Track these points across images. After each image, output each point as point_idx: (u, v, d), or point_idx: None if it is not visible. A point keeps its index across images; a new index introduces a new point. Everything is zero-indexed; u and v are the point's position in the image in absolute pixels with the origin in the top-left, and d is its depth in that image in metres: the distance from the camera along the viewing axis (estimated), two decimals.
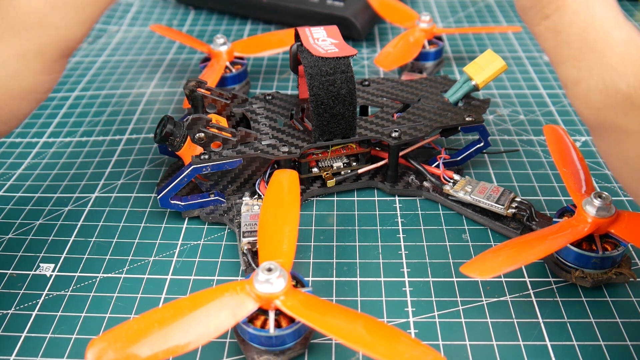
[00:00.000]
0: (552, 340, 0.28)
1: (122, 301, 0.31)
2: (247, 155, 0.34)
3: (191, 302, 0.25)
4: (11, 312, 0.30)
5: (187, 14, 0.64)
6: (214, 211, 0.35)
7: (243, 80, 0.48)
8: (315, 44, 0.34)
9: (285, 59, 0.54)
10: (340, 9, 0.55)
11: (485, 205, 0.34)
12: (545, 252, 0.28)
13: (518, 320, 0.29)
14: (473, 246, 0.33)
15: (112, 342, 0.23)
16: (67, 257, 0.33)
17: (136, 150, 0.42)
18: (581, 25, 0.20)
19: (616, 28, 0.19)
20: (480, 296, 0.30)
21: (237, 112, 0.38)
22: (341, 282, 0.31)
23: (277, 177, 0.33)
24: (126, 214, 0.36)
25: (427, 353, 0.23)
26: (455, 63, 0.53)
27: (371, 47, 0.56)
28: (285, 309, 0.25)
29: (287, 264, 0.27)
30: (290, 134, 0.36)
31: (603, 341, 0.28)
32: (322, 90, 0.33)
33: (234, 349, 0.28)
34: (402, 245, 0.34)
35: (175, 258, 0.33)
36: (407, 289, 0.31)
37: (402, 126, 0.36)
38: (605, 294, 0.30)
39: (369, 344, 0.24)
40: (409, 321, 0.29)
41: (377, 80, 0.41)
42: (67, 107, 0.48)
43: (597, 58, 0.19)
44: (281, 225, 0.29)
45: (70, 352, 0.28)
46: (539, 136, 0.43)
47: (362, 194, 0.38)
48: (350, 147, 0.36)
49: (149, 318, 0.25)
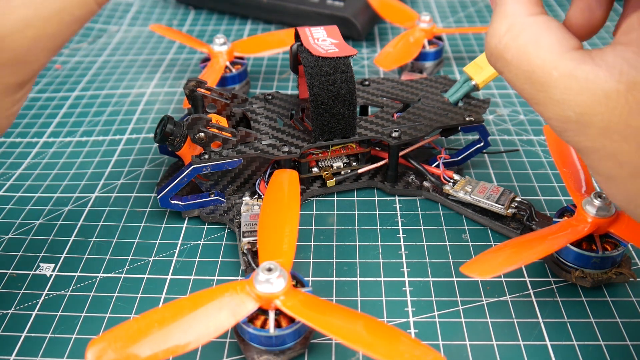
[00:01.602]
0: (552, 340, 0.28)
1: (122, 301, 0.31)
2: (247, 155, 0.34)
3: (191, 302, 0.25)
4: (11, 312, 0.30)
5: (187, 14, 0.64)
6: (214, 211, 0.35)
7: (243, 80, 0.48)
8: (315, 44, 0.34)
9: (285, 59, 0.54)
10: (340, 9, 0.55)
11: (485, 205, 0.34)
12: (545, 252, 0.28)
13: (518, 320, 0.29)
14: (473, 246, 0.33)
15: (112, 342, 0.23)
16: (67, 257, 0.33)
17: (136, 150, 0.42)
18: (525, 74, 0.23)
19: (554, 67, 0.22)
20: (480, 296, 0.30)
21: (237, 112, 0.38)
22: (341, 282, 0.31)
23: (277, 177, 0.33)
24: (126, 214, 0.36)
25: (427, 353, 0.23)
26: (455, 63, 0.53)
27: (371, 47, 0.56)
28: (285, 309, 0.25)
29: (287, 264, 0.27)
30: (290, 134, 0.36)
31: (603, 341, 0.28)
32: (322, 90, 0.33)
33: (234, 349, 0.28)
34: (402, 245, 0.34)
35: (175, 258, 0.33)
36: (407, 289, 0.31)
37: (402, 126, 0.36)
38: (605, 294, 0.30)
39: (369, 344, 0.24)
40: (409, 321, 0.29)
41: (377, 80, 0.41)
42: (67, 107, 0.48)
43: (546, 97, 0.22)
44: (281, 225, 0.29)
45: (70, 352, 0.28)
46: (539, 136, 0.43)
47: (362, 194, 0.38)
48: (350, 147, 0.36)
49: (149, 318, 0.25)
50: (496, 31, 0.24)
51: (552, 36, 0.23)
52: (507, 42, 0.23)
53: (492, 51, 0.24)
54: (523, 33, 0.23)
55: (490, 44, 0.24)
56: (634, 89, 0.20)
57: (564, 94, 0.22)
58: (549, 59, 0.22)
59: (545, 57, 0.22)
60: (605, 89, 0.21)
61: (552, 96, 0.22)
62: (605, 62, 0.21)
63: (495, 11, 0.24)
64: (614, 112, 0.21)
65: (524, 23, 0.23)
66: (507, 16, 0.23)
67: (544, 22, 0.23)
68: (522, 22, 0.23)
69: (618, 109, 0.20)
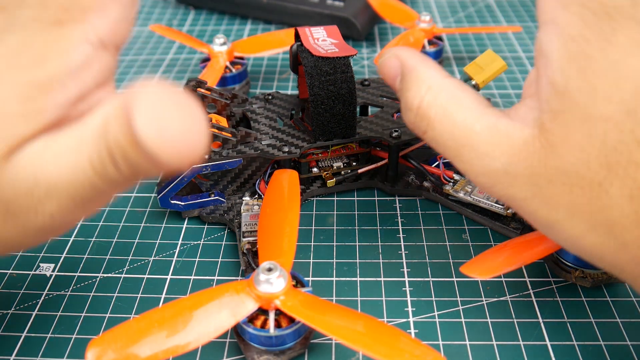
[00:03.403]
0: (552, 340, 0.28)
1: (122, 301, 0.31)
2: (247, 155, 0.34)
3: (191, 302, 0.25)
4: (11, 312, 0.30)
5: (187, 14, 0.64)
6: (214, 211, 0.35)
7: (243, 80, 0.48)
8: (315, 44, 0.34)
9: (285, 59, 0.54)
10: (340, 9, 0.55)
11: (485, 205, 0.34)
12: (545, 252, 0.28)
13: (518, 320, 0.29)
14: (473, 246, 0.33)
15: (112, 342, 0.23)
16: (67, 257, 0.33)
17: None
18: (448, 130, 0.24)
19: (476, 121, 0.23)
20: (480, 296, 0.30)
21: (237, 112, 0.38)
22: (341, 282, 0.31)
23: (277, 177, 0.33)
24: (126, 214, 0.36)
25: (427, 353, 0.23)
26: (455, 63, 0.53)
27: (371, 47, 0.56)
28: (285, 309, 0.25)
29: (287, 264, 0.27)
30: (290, 134, 0.36)
31: (603, 341, 0.28)
32: (322, 90, 0.33)
33: (234, 349, 0.28)
34: (402, 245, 0.34)
35: (175, 258, 0.33)
36: (407, 289, 0.31)
37: (402, 126, 0.36)
38: (605, 294, 0.30)
39: (369, 344, 0.24)
40: (409, 321, 0.29)
41: (377, 80, 0.41)
42: None
43: (471, 151, 0.23)
44: (281, 225, 0.29)
45: (70, 352, 0.28)
46: None
47: (362, 194, 0.38)
48: (350, 147, 0.36)
49: (149, 318, 0.25)
50: (416, 93, 0.25)
51: (469, 96, 0.24)
52: (429, 101, 0.24)
53: (415, 112, 0.25)
54: (442, 93, 0.24)
55: (412, 105, 0.25)
56: (544, 132, 0.21)
57: (488, 146, 0.22)
58: (470, 115, 0.23)
59: (466, 114, 0.23)
60: (523, 137, 0.22)
61: (476, 149, 0.23)
62: (518, 115, 0.22)
63: (407, 79, 0.25)
64: (534, 157, 0.21)
65: (441, 84, 0.24)
66: (424, 80, 0.25)
67: (458, 83, 0.24)
68: (439, 84, 0.24)
69: (536, 153, 0.21)
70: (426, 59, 0.26)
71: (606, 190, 0.20)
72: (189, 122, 0.18)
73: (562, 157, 0.21)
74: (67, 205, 0.20)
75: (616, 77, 0.20)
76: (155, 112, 0.18)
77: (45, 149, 0.20)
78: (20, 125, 0.20)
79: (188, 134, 0.18)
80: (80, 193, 0.20)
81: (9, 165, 0.20)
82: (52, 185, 0.20)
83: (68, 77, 0.21)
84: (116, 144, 0.18)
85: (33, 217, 0.21)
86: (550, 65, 0.21)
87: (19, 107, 0.20)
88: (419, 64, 0.26)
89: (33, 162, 0.20)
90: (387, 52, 0.28)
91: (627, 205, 0.20)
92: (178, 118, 0.18)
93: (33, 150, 0.20)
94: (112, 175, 0.19)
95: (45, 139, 0.20)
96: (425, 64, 0.26)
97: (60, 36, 0.20)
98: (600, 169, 0.20)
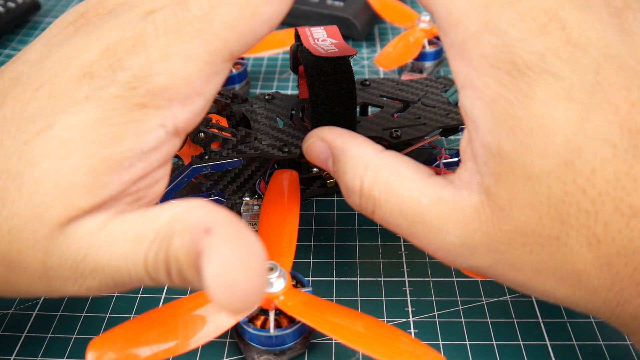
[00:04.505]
0: (552, 340, 0.28)
1: (122, 301, 0.31)
2: (247, 155, 0.34)
3: (191, 302, 0.25)
4: (11, 312, 0.30)
5: None
6: None
7: (243, 80, 0.48)
8: (315, 44, 0.34)
9: (285, 59, 0.54)
10: (340, 9, 0.55)
11: None
12: None
13: (518, 320, 0.29)
14: None
15: (112, 342, 0.23)
16: None
17: None
18: (396, 209, 0.22)
19: (422, 195, 0.22)
20: (480, 296, 0.30)
21: (237, 112, 0.38)
22: (341, 282, 0.31)
23: (277, 177, 0.33)
24: None
25: (427, 353, 0.23)
26: None
27: (371, 47, 0.56)
28: (285, 309, 0.25)
29: (287, 264, 0.27)
30: (290, 134, 0.36)
31: (603, 341, 0.28)
32: (322, 90, 0.33)
33: (234, 349, 0.28)
34: (402, 245, 0.34)
35: None
36: (407, 289, 0.31)
37: (402, 126, 0.36)
38: None
39: (369, 344, 0.24)
40: (409, 321, 0.29)
41: (377, 80, 0.41)
42: None
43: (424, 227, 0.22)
44: (281, 225, 0.29)
45: (70, 352, 0.28)
46: None
47: None
48: None
49: (149, 318, 0.25)
50: (355, 174, 0.24)
51: (409, 167, 0.23)
52: (369, 180, 0.23)
53: (359, 194, 0.24)
54: (381, 169, 0.23)
55: (354, 188, 0.24)
56: (491, 196, 0.20)
57: (439, 221, 0.22)
58: (415, 187, 0.22)
59: (410, 186, 0.22)
60: (472, 204, 0.21)
61: (428, 225, 0.22)
62: (462, 180, 0.22)
63: (341, 161, 0.24)
64: (488, 225, 0.21)
65: (378, 160, 0.23)
66: (359, 158, 0.24)
67: (395, 155, 0.24)
68: (376, 160, 0.23)
69: (489, 220, 0.21)
70: (353, 135, 0.25)
71: (564, 242, 0.20)
72: (256, 278, 0.18)
73: (514, 219, 0.20)
74: (108, 285, 0.20)
75: (545, 132, 0.19)
76: (226, 266, 0.17)
77: (101, 228, 0.20)
78: (82, 197, 0.20)
79: (254, 289, 0.18)
80: (126, 281, 0.20)
81: (63, 234, 0.20)
82: (99, 266, 0.20)
83: (138, 158, 0.21)
84: (175, 261, 0.18)
85: (69, 287, 0.21)
86: (480, 129, 0.20)
87: (85, 180, 0.20)
88: (348, 143, 0.25)
89: (86, 239, 0.20)
90: (309, 136, 0.27)
91: (587, 253, 0.20)
92: (246, 275, 0.17)
93: (89, 226, 0.20)
94: (163, 280, 0.19)
95: (103, 216, 0.20)
96: (355, 141, 0.25)
97: (140, 118, 0.20)
98: (553, 224, 0.20)
